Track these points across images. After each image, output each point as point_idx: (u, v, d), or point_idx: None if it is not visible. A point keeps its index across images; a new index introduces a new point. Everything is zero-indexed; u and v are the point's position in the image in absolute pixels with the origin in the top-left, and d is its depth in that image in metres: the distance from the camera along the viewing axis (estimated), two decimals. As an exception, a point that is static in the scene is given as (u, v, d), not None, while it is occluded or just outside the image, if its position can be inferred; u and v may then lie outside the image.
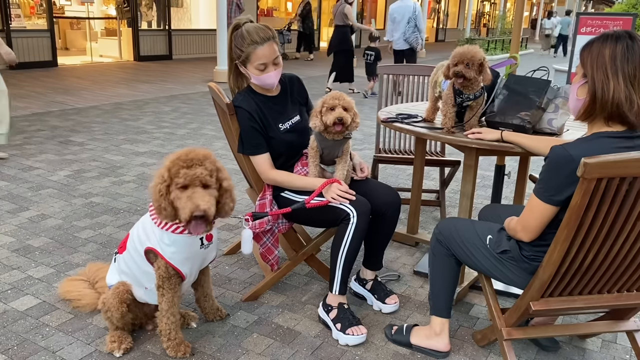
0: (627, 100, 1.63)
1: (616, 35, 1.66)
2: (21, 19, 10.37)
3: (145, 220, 2.06)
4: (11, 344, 2.13)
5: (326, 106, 2.28)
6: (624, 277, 1.85)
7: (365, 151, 5.38)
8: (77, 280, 2.47)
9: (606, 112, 1.67)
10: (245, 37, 2.29)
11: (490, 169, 4.85)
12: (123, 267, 2.11)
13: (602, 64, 1.66)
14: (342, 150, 2.39)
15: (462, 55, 2.33)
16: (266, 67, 2.32)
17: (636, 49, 1.63)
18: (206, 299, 2.31)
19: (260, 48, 2.29)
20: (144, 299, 2.12)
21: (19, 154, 4.76)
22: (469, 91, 2.41)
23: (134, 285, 2.10)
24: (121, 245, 2.15)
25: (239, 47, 2.31)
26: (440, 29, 27.01)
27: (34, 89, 8.18)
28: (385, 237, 2.50)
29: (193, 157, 1.84)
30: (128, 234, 2.13)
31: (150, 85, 9.14)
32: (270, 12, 17.80)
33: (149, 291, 2.09)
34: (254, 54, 2.29)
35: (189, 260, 2.03)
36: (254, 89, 2.43)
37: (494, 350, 2.24)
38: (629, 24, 4.22)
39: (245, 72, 2.38)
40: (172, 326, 2.06)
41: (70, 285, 2.44)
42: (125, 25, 12.77)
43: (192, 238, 1.99)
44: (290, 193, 2.42)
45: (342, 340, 2.23)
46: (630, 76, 1.63)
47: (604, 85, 1.65)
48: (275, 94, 2.47)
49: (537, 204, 1.74)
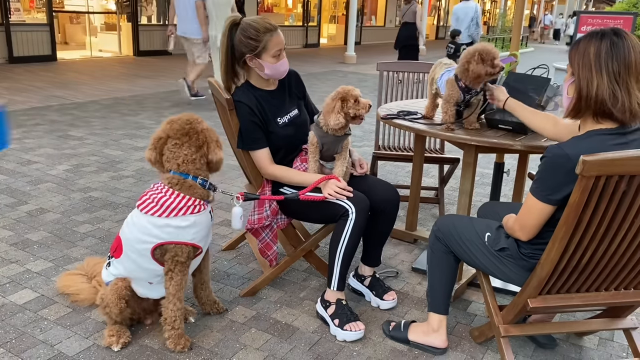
0: (611, 96, 1.64)
1: (602, 33, 1.67)
2: (20, 13, 10.34)
3: (138, 221, 2.02)
4: (9, 337, 2.13)
5: (351, 99, 2.27)
6: (621, 275, 1.86)
7: (365, 148, 5.38)
8: (76, 274, 2.48)
9: (592, 110, 1.68)
10: (257, 28, 2.28)
11: (489, 166, 4.86)
12: (122, 272, 2.09)
13: (587, 61, 1.67)
14: (341, 147, 2.38)
15: (495, 52, 2.33)
16: (281, 54, 2.32)
17: (621, 46, 1.64)
18: (203, 287, 2.32)
19: (276, 34, 2.30)
20: (147, 294, 2.13)
21: (18, 148, 4.75)
22: (477, 86, 2.41)
23: (135, 283, 2.10)
24: (114, 249, 2.11)
25: (252, 38, 2.28)
26: (441, 26, 26.99)
27: (33, 83, 8.16)
28: (383, 234, 2.51)
29: None
30: (118, 237, 2.10)
31: (150, 81, 9.13)
32: (270, 8, 17.78)
33: (153, 286, 2.10)
34: (271, 41, 2.28)
35: (208, 235, 2.14)
36: (253, 84, 2.42)
37: (492, 347, 2.25)
38: (629, 23, 4.23)
39: (257, 65, 2.34)
40: (178, 313, 2.08)
41: (68, 279, 2.44)
42: (125, 20, 12.74)
43: (207, 214, 2.10)
44: (289, 189, 2.42)
45: (340, 336, 2.24)
46: (615, 73, 1.64)
47: (589, 83, 1.66)
48: (273, 88, 2.47)
49: (534, 203, 1.75)
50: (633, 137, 1.70)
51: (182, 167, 2.02)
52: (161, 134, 2.04)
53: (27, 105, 6.62)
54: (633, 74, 1.64)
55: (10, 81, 8.26)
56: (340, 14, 20.75)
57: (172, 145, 2.02)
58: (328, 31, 20.59)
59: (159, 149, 2.04)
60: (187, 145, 2.02)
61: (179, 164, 2.02)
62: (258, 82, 2.43)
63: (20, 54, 10.21)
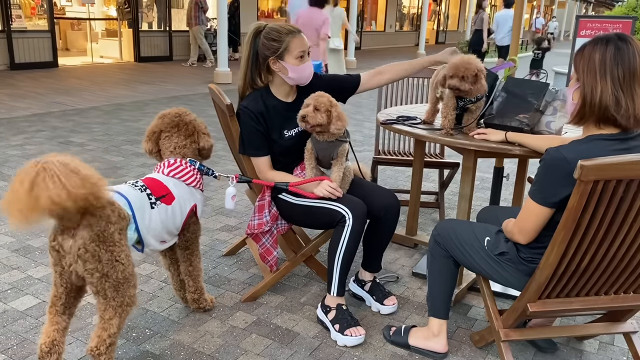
0: (615, 102, 1.64)
1: (607, 38, 1.68)
2: (22, 20, 10.38)
3: (171, 181, 2.14)
4: (11, 344, 2.14)
5: (305, 103, 2.29)
6: (620, 279, 1.86)
7: (365, 153, 5.39)
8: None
9: (595, 115, 1.69)
10: (280, 30, 2.31)
11: (489, 171, 4.86)
12: (163, 217, 2.04)
13: (592, 67, 1.67)
14: (337, 153, 2.38)
15: (457, 67, 2.33)
16: (304, 56, 2.33)
17: (626, 51, 1.64)
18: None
19: (298, 36, 2.32)
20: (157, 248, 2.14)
21: (19, 154, 4.77)
22: (469, 96, 2.43)
23: (153, 238, 2.04)
24: (161, 193, 2.07)
25: (275, 40, 2.30)
26: (441, 31, 27.05)
27: (34, 90, 8.19)
28: (383, 240, 2.51)
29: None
30: (158, 181, 2.09)
31: (151, 86, 9.16)
32: (270, 14, 17.82)
33: (163, 244, 2.15)
34: (293, 42, 2.30)
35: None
36: (272, 92, 2.42)
37: (492, 352, 2.25)
38: (628, 27, 4.23)
39: (280, 69, 2.34)
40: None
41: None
42: (125, 26, 12.79)
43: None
44: (288, 195, 2.43)
45: (340, 341, 2.24)
46: (620, 79, 1.64)
47: (593, 89, 1.67)
48: (291, 100, 2.46)
49: (533, 207, 1.76)
50: (635, 144, 1.70)
51: (174, 153, 2.24)
52: (154, 128, 2.26)
53: (28, 111, 6.65)
54: (638, 80, 1.64)
55: (12, 88, 8.29)
56: (340, 19, 20.78)
57: (164, 138, 2.25)
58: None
59: (153, 141, 2.26)
60: (177, 135, 2.23)
61: (171, 151, 2.24)
62: (278, 92, 2.42)
63: (22, 61, 10.25)
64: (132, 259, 1.85)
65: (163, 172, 2.16)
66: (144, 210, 1.97)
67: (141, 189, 2.01)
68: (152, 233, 2.01)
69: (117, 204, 1.82)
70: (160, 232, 2.05)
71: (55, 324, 1.82)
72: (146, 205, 1.98)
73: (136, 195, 1.96)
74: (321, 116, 2.24)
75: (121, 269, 1.77)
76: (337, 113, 2.27)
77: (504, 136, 2.27)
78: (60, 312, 1.84)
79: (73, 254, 1.70)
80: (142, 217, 1.95)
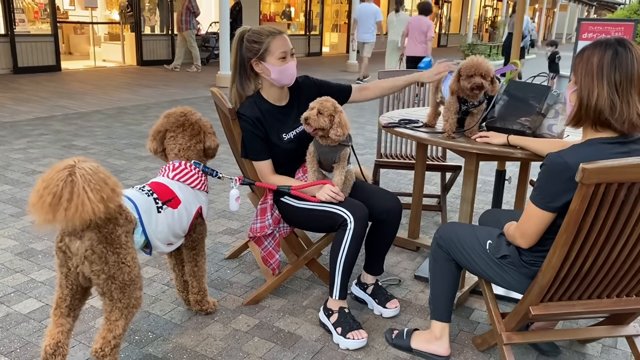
0: (610, 106, 1.64)
1: (606, 42, 1.68)
2: (25, 24, 10.42)
3: (176, 185, 2.14)
4: (14, 347, 2.15)
5: (310, 106, 2.31)
6: (622, 282, 1.86)
7: (367, 156, 5.40)
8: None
9: (590, 119, 1.69)
10: (261, 32, 2.33)
11: (491, 174, 4.86)
12: (170, 221, 2.05)
13: (590, 70, 1.68)
14: (339, 157, 2.39)
15: (478, 66, 2.34)
16: (286, 57, 2.34)
17: (624, 57, 1.64)
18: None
19: (278, 37, 2.33)
20: (163, 250, 2.15)
21: (22, 157, 4.79)
22: (474, 99, 2.43)
23: (160, 241, 2.06)
24: (167, 197, 2.08)
25: (256, 42, 2.32)
26: (443, 34, 27.05)
27: (37, 93, 8.22)
28: (386, 243, 2.51)
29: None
30: (164, 186, 2.10)
31: (153, 90, 9.18)
32: (273, 17, 17.87)
33: (170, 246, 2.16)
34: (273, 44, 2.31)
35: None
36: (263, 95, 2.43)
37: (494, 355, 2.24)
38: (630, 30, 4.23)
39: (263, 70, 2.35)
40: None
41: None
42: (128, 30, 12.82)
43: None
44: (290, 199, 2.43)
45: (342, 344, 2.24)
46: (616, 83, 1.64)
47: (589, 92, 1.67)
48: (284, 104, 2.47)
49: (534, 211, 1.76)
50: (635, 147, 1.70)
51: (179, 155, 2.23)
52: (159, 127, 2.25)
53: (31, 115, 6.67)
54: (635, 85, 1.64)
55: (15, 91, 8.32)
56: (342, 23, 20.80)
57: (169, 138, 2.24)
58: (330, 40, 20.64)
59: (158, 140, 2.26)
60: (182, 135, 2.22)
61: (176, 153, 2.23)
62: (269, 95, 2.43)
63: (25, 65, 10.29)
64: (138, 261, 1.86)
65: (168, 176, 2.17)
66: (150, 214, 1.98)
67: (148, 194, 2.03)
68: (159, 236, 2.03)
69: (125, 207, 1.83)
70: (167, 235, 2.07)
71: (60, 325, 1.82)
72: (153, 209, 2.00)
73: (143, 200, 1.98)
74: (324, 120, 2.25)
75: (127, 270, 1.78)
76: (339, 119, 2.28)
77: (506, 139, 2.27)
78: (65, 314, 1.84)
79: (80, 256, 1.71)
80: (149, 221, 1.97)
